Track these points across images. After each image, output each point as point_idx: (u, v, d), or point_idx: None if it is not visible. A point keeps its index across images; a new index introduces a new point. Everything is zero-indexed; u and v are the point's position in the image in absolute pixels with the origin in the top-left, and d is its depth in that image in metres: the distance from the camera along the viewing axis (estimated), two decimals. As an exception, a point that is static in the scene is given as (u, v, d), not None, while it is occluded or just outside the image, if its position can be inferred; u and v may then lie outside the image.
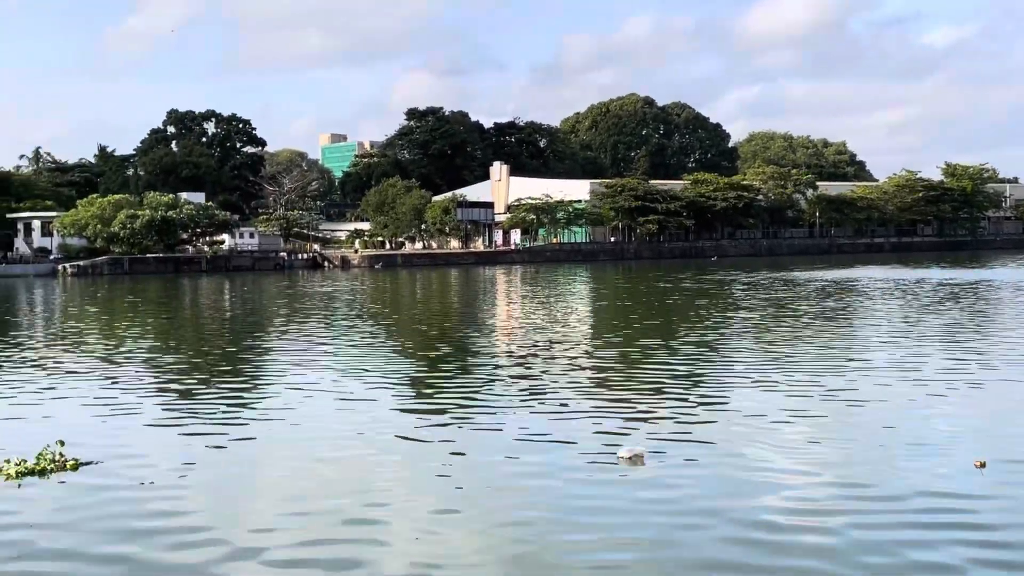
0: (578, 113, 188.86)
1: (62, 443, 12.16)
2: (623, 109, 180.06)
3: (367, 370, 20.65)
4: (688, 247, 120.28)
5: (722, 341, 24.91)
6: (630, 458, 11.80)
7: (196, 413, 15.70)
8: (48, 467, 11.66)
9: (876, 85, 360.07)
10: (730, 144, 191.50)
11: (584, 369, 20.29)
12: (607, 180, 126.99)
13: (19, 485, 11.22)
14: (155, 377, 20.23)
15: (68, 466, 11.75)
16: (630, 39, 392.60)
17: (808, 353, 22.00)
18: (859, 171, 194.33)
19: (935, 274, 60.44)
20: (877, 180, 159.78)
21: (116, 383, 19.27)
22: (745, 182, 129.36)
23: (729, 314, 33.34)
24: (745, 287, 49.66)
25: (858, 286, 49.17)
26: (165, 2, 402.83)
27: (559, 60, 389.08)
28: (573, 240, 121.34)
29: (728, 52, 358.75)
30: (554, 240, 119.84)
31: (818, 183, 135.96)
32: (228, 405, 16.43)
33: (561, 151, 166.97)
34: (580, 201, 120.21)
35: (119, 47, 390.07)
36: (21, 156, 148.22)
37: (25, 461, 11.76)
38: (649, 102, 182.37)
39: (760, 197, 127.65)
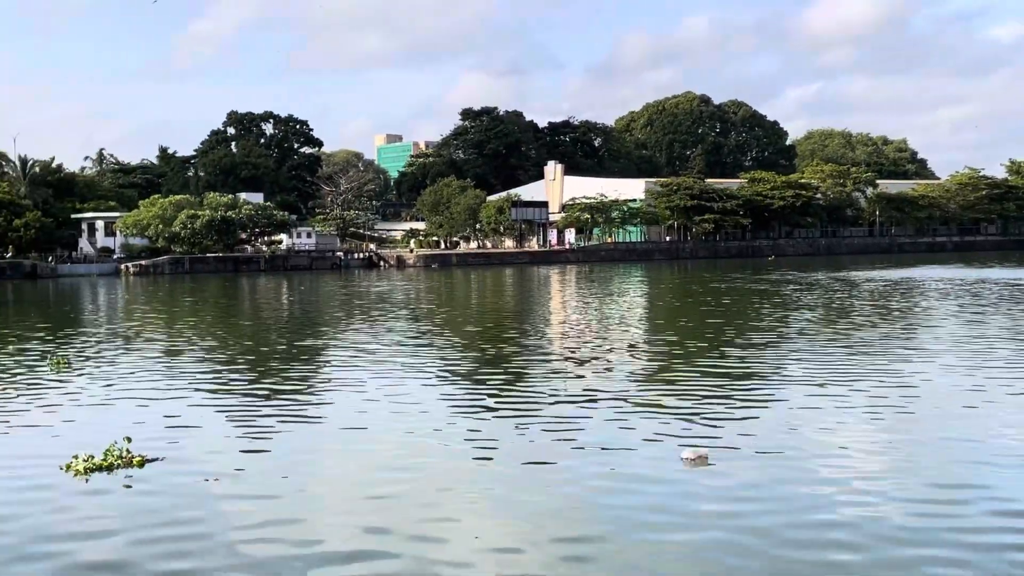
0: (633, 112, 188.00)
1: (129, 439, 12.40)
2: (679, 107, 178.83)
3: (424, 369, 20.74)
4: (744, 246, 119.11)
5: (780, 341, 24.62)
6: (694, 459, 11.71)
7: (256, 410, 15.90)
8: (115, 463, 11.89)
9: (939, 81, 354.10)
10: (788, 142, 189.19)
11: (641, 369, 20.18)
12: (662, 179, 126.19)
13: (86, 480, 11.44)
14: (216, 375, 20.54)
15: (134, 462, 11.96)
16: (687, 37, 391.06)
17: (870, 354, 21.66)
18: (920, 169, 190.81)
19: (999, 274, 59.12)
20: (939, 178, 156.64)
21: (179, 380, 19.60)
22: (803, 180, 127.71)
23: (787, 314, 32.95)
24: (803, 287, 49.03)
25: (920, 286, 48.29)
26: (229, 7, 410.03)
27: (615, 59, 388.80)
28: (628, 239, 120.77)
29: (787, 50, 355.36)
30: (609, 239, 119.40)
31: (878, 181, 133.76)
32: (287, 402, 16.62)
33: (616, 150, 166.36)
34: (635, 200, 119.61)
35: (184, 51, 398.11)
36: (86, 157, 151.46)
37: (92, 457, 11.98)
38: (705, 100, 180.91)
39: (818, 195, 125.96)
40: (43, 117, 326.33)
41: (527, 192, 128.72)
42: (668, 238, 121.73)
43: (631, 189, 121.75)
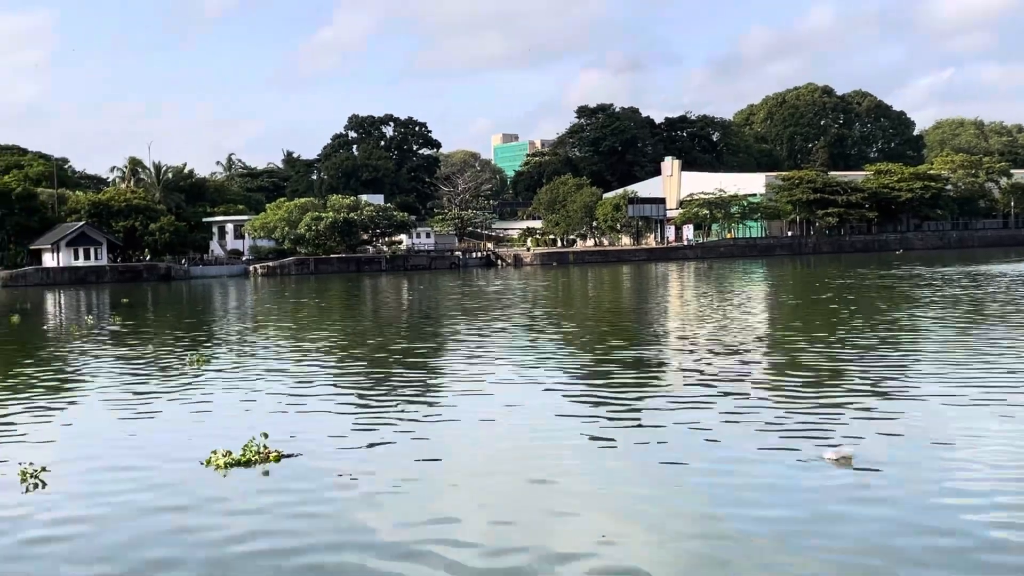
0: (752, 105, 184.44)
1: (266, 435, 12.83)
2: (800, 99, 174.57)
3: (545, 366, 20.81)
4: (871, 240, 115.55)
5: (915, 338, 23.82)
6: (838, 459, 11.43)
7: (382, 407, 16.24)
8: (253, 458, 12.31)
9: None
10: (915, 132, 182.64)
11: (769, 366, 19.82)
12: (783, 172, 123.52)
13: (224, 476, 11.86)
14: (343, 372, 21.06)
15: (271, 458, 12.37)
16: (811, 28, 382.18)
17: (1010, 352, 20.76)
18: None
19: None
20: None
21: (308, 378, 20.17)
22: (932, 171, 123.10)
23: (919, 310, 31.84)
24: (934, 282, 47.29)
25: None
26: (355, 14, 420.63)
27: (737, 52, 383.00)
28: (748, 235, 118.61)
29: (914, 37, 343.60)
30: (728, 235, 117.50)
31: (1012, 171, 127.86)
32: (411, 399, 16.92)
33: (735, 144, 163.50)
34: (755, 195, 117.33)
35: (310, 58, 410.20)
36: (217, 163, 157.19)
37: (231, 453, 12.43)
38: (828, 91, 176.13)
39: (949, 187, 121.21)
40: (176, 124, 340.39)
41: (644, 188, 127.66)
42: (790, 233, 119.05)
43: (751, 183, 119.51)
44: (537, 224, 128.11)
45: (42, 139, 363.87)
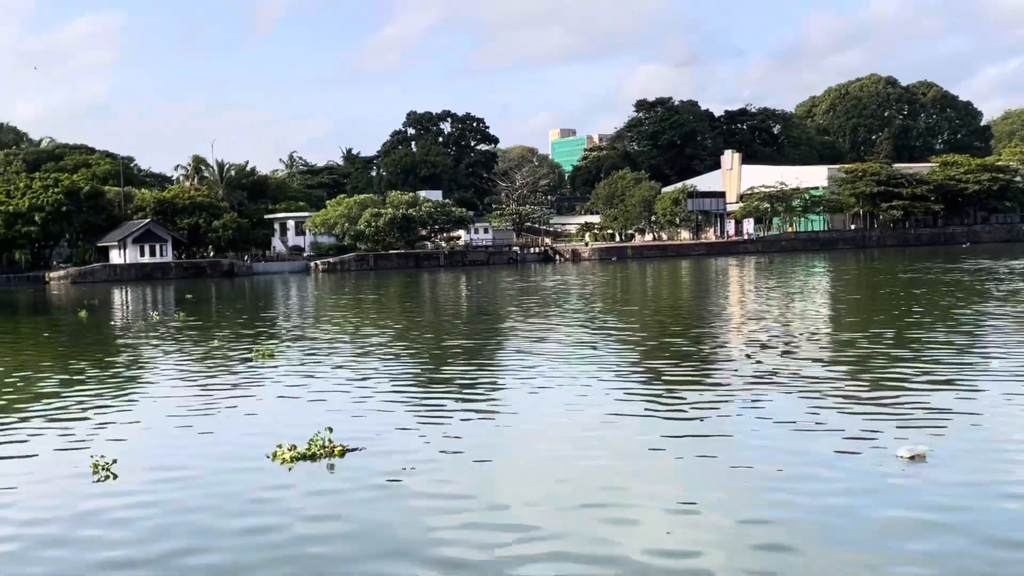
0: (814, 97, 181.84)
1: (330, 430, 12.92)
2: (863, 90, 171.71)
3: (604, 361, 20.70)
4: (936, 233, 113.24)
5: (985, 334, 23.25)
6: (911, 457, 11.18)
7: (443, 401, 16.28)
8: (318, 452, 12.40)
9: None
10: (983, 123, 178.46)
11: (835, 362, 19.47)
12: (846, 165, 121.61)
13: (290, 469, 11.96)
14: (404, 366, 21.17)
15: (336, 452, 12.45)
16: (875, 18, 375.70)
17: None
18: None
19: None
20: None
21: (370, 372, 20.30)
22: (1000, 163, 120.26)
23: (988, 305, 31.07)
24: (1003, 276, 46.13)
25: None
26: (417, 11, 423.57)
27: (799, 43, 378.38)
28: (810, 228, 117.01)
29: (980, 27, 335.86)
30: (790, 229, 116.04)
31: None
32: (471, 393, 16.94)
33: (796, 137, 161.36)
34: (817, 188, 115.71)
35: (371, 55, 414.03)
36: (280, 160, 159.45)
37: (296, 447, 12.53)
38: (892, 82, 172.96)
39: (1018, 178, 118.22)
40: (238, 123, 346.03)
41: (703, 182, 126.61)
42: (853, 226, 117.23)
43: (813, 176, 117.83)
44: (595, 219, 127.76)
45: (109, 138, 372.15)
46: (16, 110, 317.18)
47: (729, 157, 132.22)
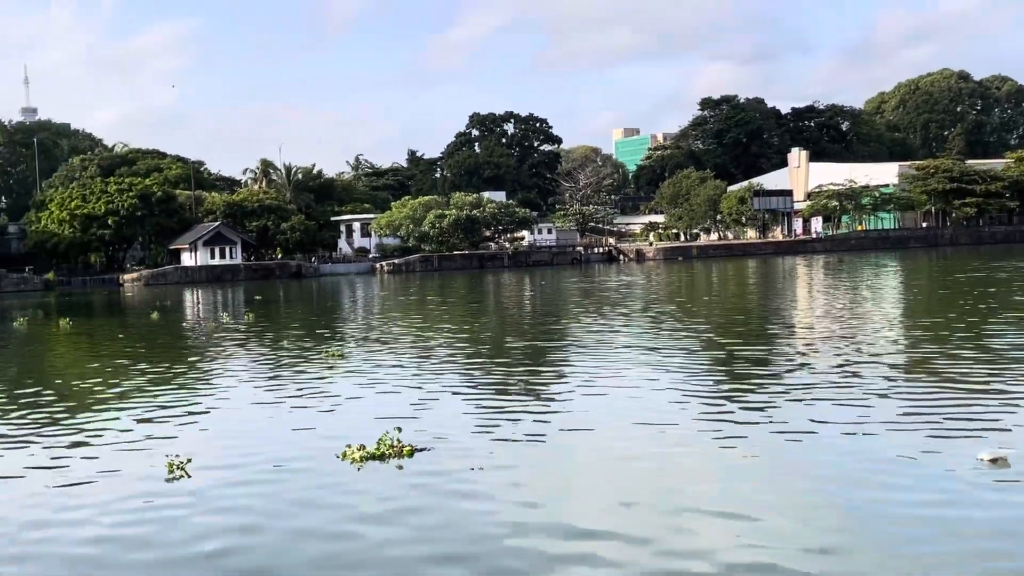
0: (883, 93, 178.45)
1: (399, 430, 13.00)
2: (934, 85, 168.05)
3: (670, 362, 20.50)
4: (1011, 231, 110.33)
5: (1065, 334, 22.57)
6: (993, 460, 10.87)
7: (510, 402, 16.27)
8: (387, 452, 12.48)
9: None
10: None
11: (910, 364, 19.03)
12: (917, 162, 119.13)
13: (359, 469, 12.04)
14: (469, 367, 21.22)
15: (404, 452, 12.52)
16: (948, 12, 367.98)
17: None
18: None
19: None
20: None
21: (436, 372, 20.38)
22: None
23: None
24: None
25: None
26: (483, 13, 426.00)
27: (870, 39, 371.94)
28: (880, 227, 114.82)
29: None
30: (859, 227, 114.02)
31: None
32: (536, 394, 16.91)
33: (865, 134, 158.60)
34: (887, 185, 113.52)
35: (437, 57, 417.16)
36: (346, 162, 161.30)
37: (365, 447, 12.62)
38: (964, 76, 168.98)
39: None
40: (306, 126, 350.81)
41: (770, 181, 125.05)
42: (924, 224, 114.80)
43: (882, 174, 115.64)
44: (659, 218, 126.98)
45: (180, 142, 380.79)
46: (93, 118, 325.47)
47: (796, 155, 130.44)
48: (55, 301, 65.19)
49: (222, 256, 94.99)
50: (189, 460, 12.25)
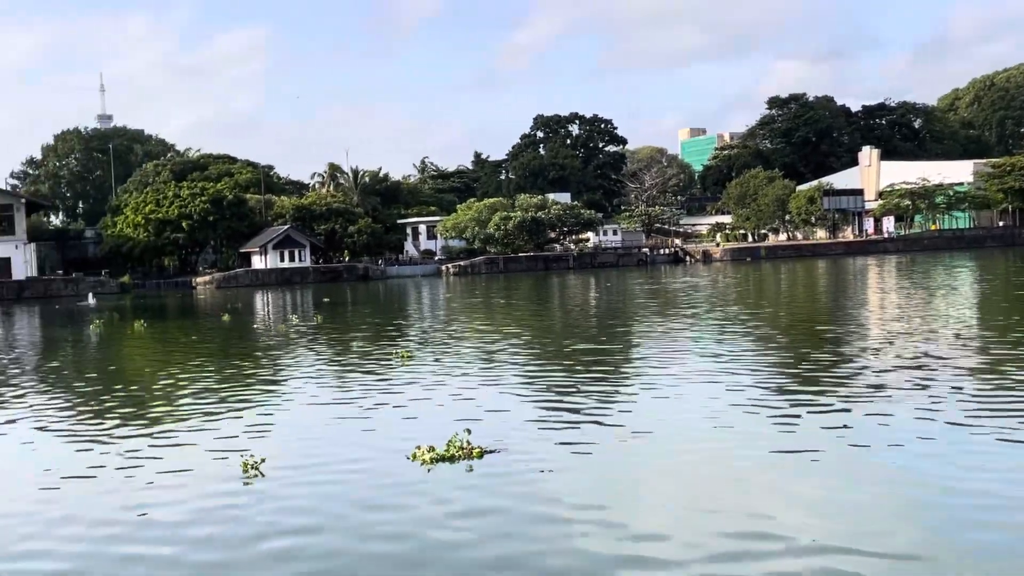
0: (957, 89, 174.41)
1: (469, 431, 13.05)
2: (1010, 81, 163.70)
3: (736, 365, 20.27)
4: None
5: None
6: None
7: (578, 404, 16.21)
8: (456, 454, 12.53)
9: None
10: None
11: (991, 370, 18.56)
12: (993, 159, 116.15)
13: (429, 471, 12.10)
14: (536, 369, 21.20)
15: (474, 453, 12.56)
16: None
17: None
18: None
19: None
20: None
21: (503, 374, 20.41)
22: None
23: None
24: None
25: None
26: (550, 15, 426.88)
27: (944, 35, 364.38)
28: (954, 226, 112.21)
29: None
30: (932, 227, 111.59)
31: None
32: (603, 397, 16.83)
33: (938, 131, 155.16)
34: (962, 184, 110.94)
35: (502, 61, 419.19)
36: (412, 165, 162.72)
37: (434, 448, 12.69)
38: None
39: None
40: (373, 129, 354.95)
41: (840, 180, 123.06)
42: (1001, 223, 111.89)
43: (957, 172, 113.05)
44: (727, 219, 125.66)
45: (250, 147, 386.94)
46: (167, 123, 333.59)
47: (867, 153, 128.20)
48: (130, 304, 66.75)
49: (291, 259, 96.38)
50: (263, 460, 12.43)
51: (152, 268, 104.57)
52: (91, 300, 44.98)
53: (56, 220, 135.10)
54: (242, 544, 9.62)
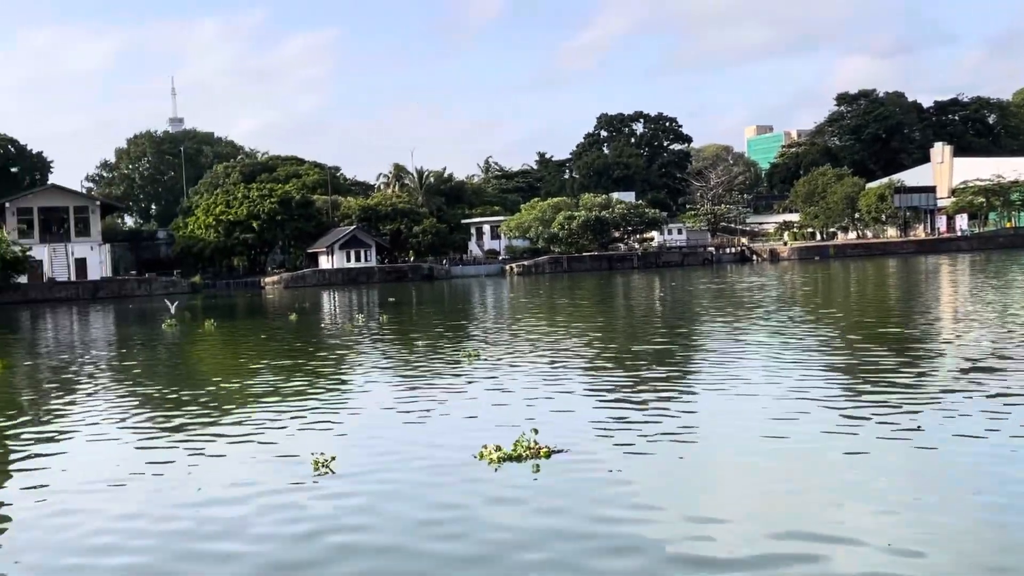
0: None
1: (536, 431, 13.08)
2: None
3: (808, 368, 19.98)
4: None
5: None
6: None
7: (646, 404, 16.14)
8: (524, 454, 12.56)
9: None
10: None
11: (1064, 369, 18.06)
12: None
13: (496, 470, 12.14)
14: (602, 369, 21.14)
15: (541, 453, 12.58)
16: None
17: None
18: None
19: None
20: None
21: (569, 374, 20.40)
22: None
23: None
24: None
25: None
26: (613, 14, 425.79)
27: (1019, 27, 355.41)
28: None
29: None
30: (1008, 224, 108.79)
31: None
32: (671, 397, 16.71)
33: (1014, 126, 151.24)
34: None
35: (567, 60, 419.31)
36: (476, 165, 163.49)
37: (501, 447, 12.73)
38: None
39: None
40: (437, 130, 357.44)
41: (911, 177, 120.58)
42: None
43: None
44: (794, 217, 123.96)
45: (317, 149, 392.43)
46: (236, 126, 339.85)
47: (939, 150, 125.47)
48: (201, 303, 68.10)
49: (357, 259, 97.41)
50: (333, 458, 12.60)
51: (222, 268, 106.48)
52: (171, 306, 46.83)
53: (130, 221, 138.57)
54: (309, 539, 9.76)
